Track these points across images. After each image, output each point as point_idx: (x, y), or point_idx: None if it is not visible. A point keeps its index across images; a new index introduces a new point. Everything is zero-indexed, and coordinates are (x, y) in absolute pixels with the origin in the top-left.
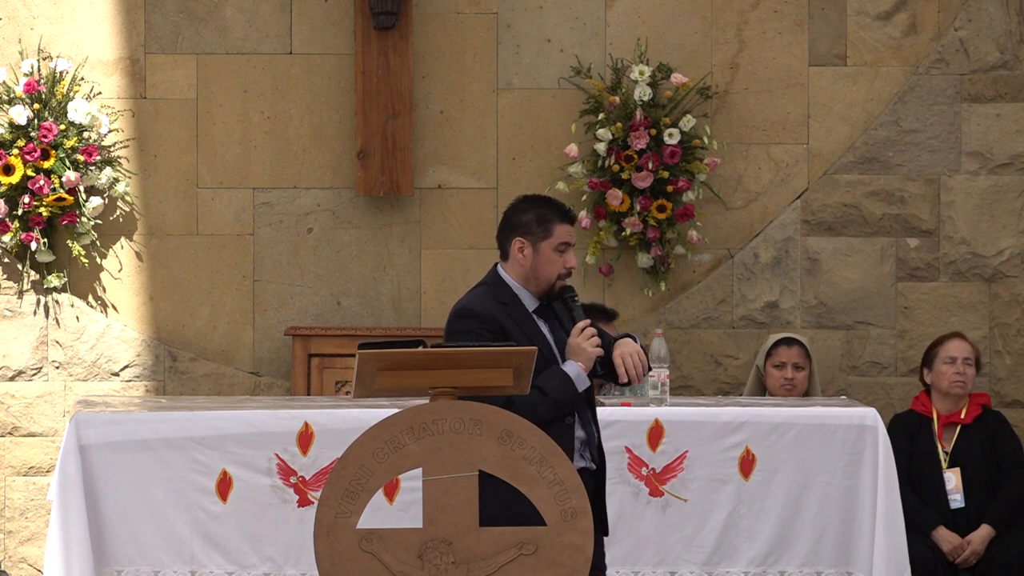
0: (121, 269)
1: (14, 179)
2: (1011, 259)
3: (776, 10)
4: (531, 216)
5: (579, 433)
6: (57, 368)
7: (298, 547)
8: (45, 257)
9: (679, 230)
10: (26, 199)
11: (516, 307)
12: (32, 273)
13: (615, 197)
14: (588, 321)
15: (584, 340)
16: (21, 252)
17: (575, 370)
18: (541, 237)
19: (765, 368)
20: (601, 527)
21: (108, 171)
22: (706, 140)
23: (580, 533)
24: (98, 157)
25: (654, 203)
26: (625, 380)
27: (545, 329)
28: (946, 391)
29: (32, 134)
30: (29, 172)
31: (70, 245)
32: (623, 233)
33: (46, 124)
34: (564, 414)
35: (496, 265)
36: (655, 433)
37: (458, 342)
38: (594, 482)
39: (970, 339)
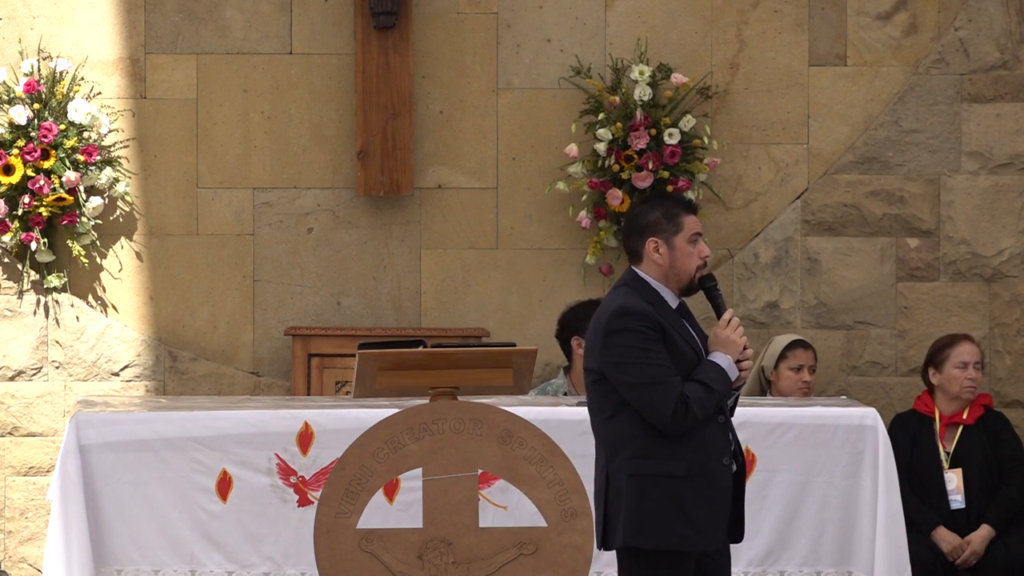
0: (121, 269)
1: (14, 179)
2: (1011, 259)
3: (776, 10)
4: (658, 214)
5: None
6: (57, 368)
7: (298, 547)
8: (45, 257)
9: None
10: (26, 199)
11: (662, 306)
12: (32, 273)
13: (615, 197)
14: (732, 312)
15: (732, 331)
16: (21, 252)
17: (726, 361)
18: (673, 232)
19: (776, 370)
20: (736, 532)
21: (108, 171)
22: (706, 140)
23: (580, 533)
24: (98, 157)
25: None
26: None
27: (689, 326)
28: (956, 395)
29: (32, 134)
30: (29, 172)
31: (70, 245)
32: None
33: (46, 124)
34: (718, 410)
35: (630, 268)
36: None
37: (621, 343)
38: (734, 484)
39: (976, 341)
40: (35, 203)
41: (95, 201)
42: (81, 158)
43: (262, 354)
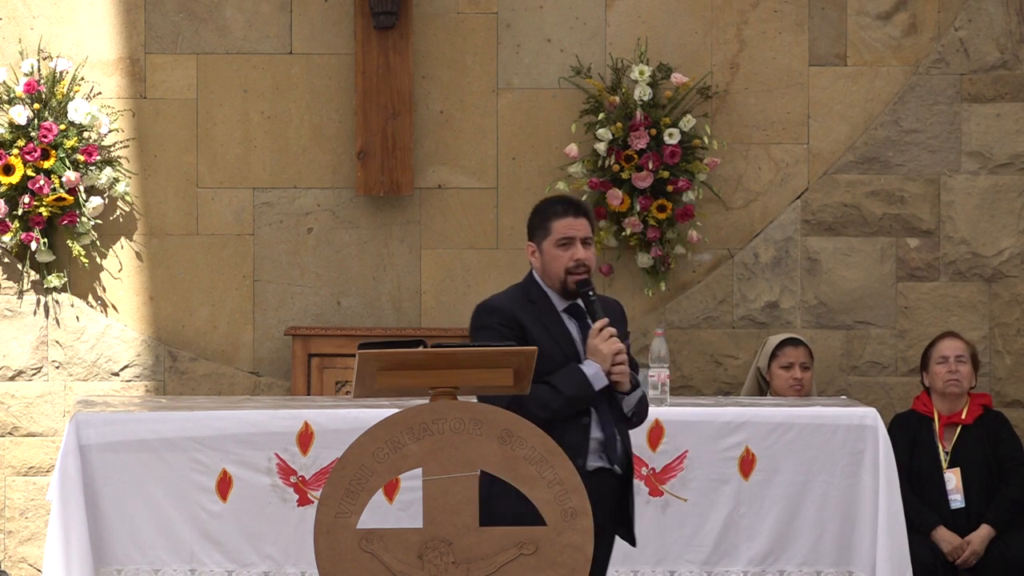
0: (121, 269)
1: (14, 179)
2: (1011, 259)
3: (776, 10)
4: (535, 219)
5: (596, 434)
6: (57, 368)
7: (298, 546)
8: (45, 257)
9: (679, 230)
10: (26, 199)
11: (545, 305)
12: (32, 273)
13: (615, 197)
14: (605, 321)
15: (601, 341)
16: (21, 252)
17: (592, 369)
18: (543, 237)
19: (770, 369)
20: (625, 535)
21: (108, 171)
22: (706, 140)
23: (580, 533)
24: (98, 157)
25: (654, 203)
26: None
27: (573, 328)
28: (941, 391)
29: (32, 134)
30: (29, 172)
31: (70, 245)
32: (623, 233)
33: (46, 124)
34: (580, 412)
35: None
36: (655, 433)
37: (478, 339)
38: (619, 487)
39: (964, 337)
40: (35, 203)
41: (95, 201)
42: (81, 158)
43: (262, 354)
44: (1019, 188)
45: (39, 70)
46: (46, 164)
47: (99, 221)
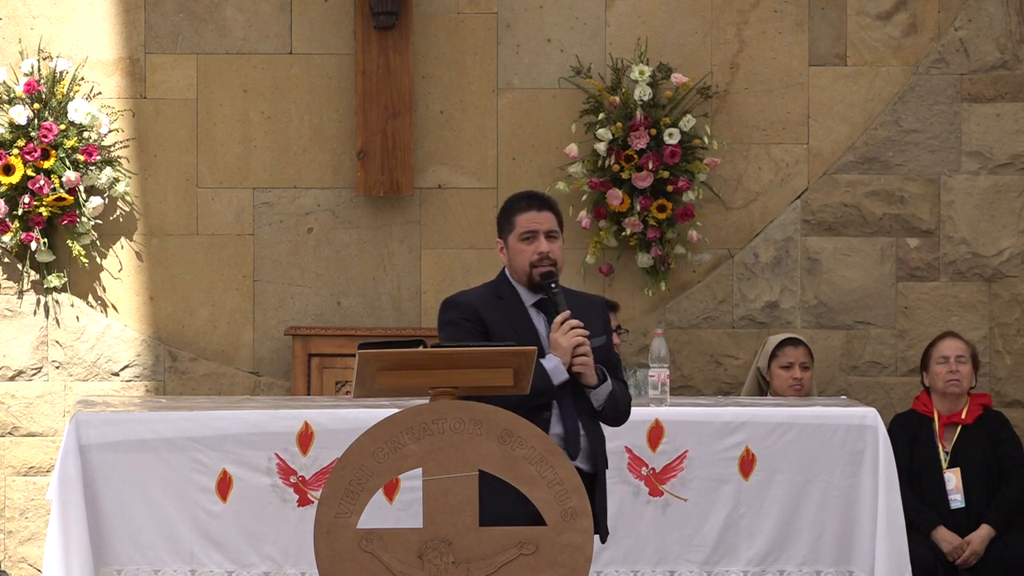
0: (121, 269)
1: (14, 179)
2: (1011, 259)
3: (776, 10)
4: (501, 216)
5: (557, 428)
6: (57, 368)
7: (298, 546)
8: (45, 257)
9: (679, 230)
10: (26, 199)
11: (513, 301)
12: (32, 273)
13: (615, 197)
14: (566, 314)
15: (561, 335)
16: (21, 252)
17: (552, 363)
18: (508, 232)
19: (769, 369)
20: (598, 531)
21: (108, 171)
22: (706, 140)
23: (580, 533)
24: (98, 157)
25: (654, 203)
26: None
27: (540, 322)
28: (942, 391)
29: (32, 134)
30: (29, 172)
31: (70, 245)
32: (623, 233)
33: (46, 124)
34: (540, 407)
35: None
36: (655, 433)
37: (443, 335)
38: (587, 482)
39: (965, 337)
40: (35, 203)
41: (95, 201)
42: (81, 158)
43: (262, 354)
44: (1019, 188)
45: (39, 70)
46: (46, 164)
47: (99, 221)
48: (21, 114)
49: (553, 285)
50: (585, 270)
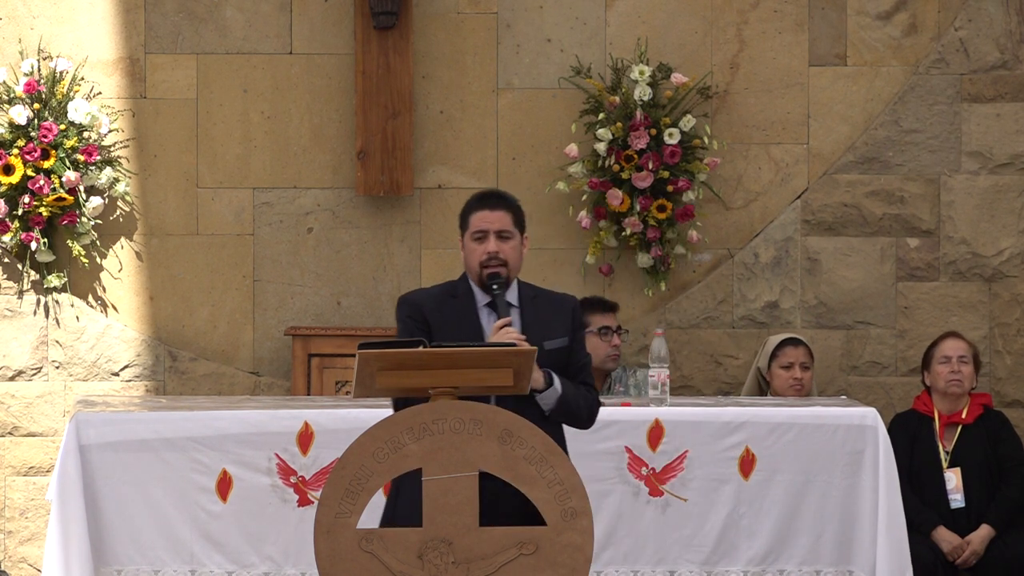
0: (121, 269)
1: (14, 179)
2: (1011, 259)
3: (776, 10)
4: (460, 213)
5: None
6: (57, 368)
7: (298, 547)
8: (45, 257)
9: (679, 230)
10: (26, 199)
11: (467, 300)
12: (32, 273)
13: (615, 197)
14: (506, 320)
15: (496, 339)
16: (21, 252)
17: None
18: (463, 231)
19: (770, 369)
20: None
21: (108, 171)
22: (706, 140)
23: (580, 533)
24: (98, 157)
25: (654, 203)
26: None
27: (490, 323)
28: (943, 391)
29: (32, 134)
30: (29, 172)
31: (70, 245)
32: (623, 233)
33: (46, 124)
34: None
35: None
36: (655, 433)
37: (398, 331)
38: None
39: (967, 338)
40: (35, 203)
41: (95, 201)
42: (81, 158)
43: (262, 354)
44: (1019, 188)
45: (39, 70)
46: (46, 164)
47: (99, 221)
48: (21, 114)
49: (495, 286)
50: (585, 270)
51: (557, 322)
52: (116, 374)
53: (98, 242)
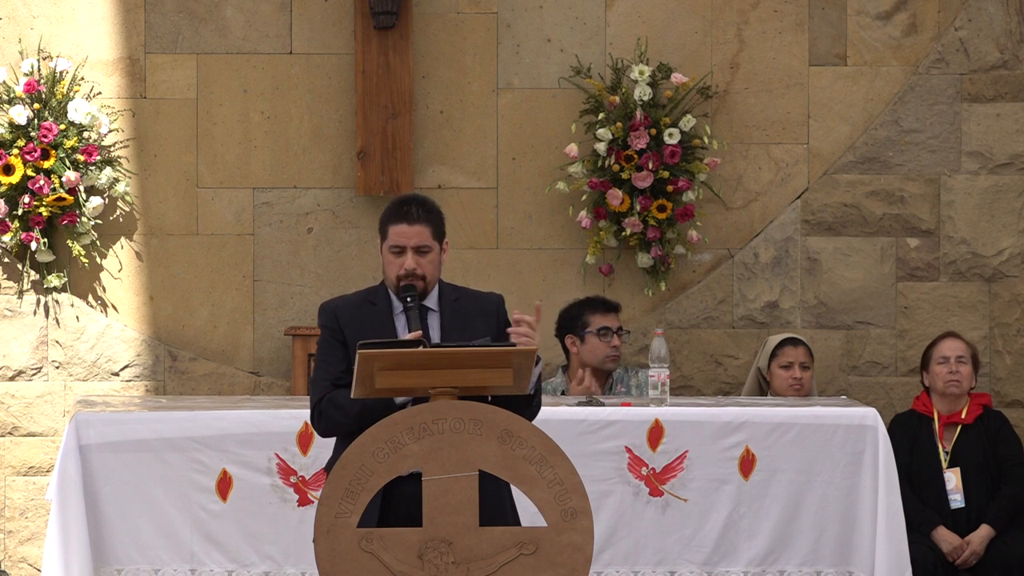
0: (121, 269)
1: (14, 179)
2: (1011, 259)
3: (776, 10)
4: (380, 218)
5: None
6: (57, 368)
7: (298, 546)
8: (45, 257)
9: (679, 230)
10: (26, 199)
11: (384, 308)
12: (32, 273)
13: (615, 197)
14: (415, 334)
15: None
16: (21, 252)
17: None
18: (382, 239)
19: (770, 369)
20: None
21: (108, 171)
22: (706, 140)
23: (580, 533)
24: (98, 157)
25: (654, 203)
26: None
27: (404, 330)
28: (942, 391)
29: (32, 134)
30: (29, 172)
31: (70, 245)
32: (623, 233)
33: (46, 124)
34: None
35: None
36: (655, 433)
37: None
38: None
39: (965, 338)
40: (35, 203)
41: (95, 201)
42: (81, 158)
43: (262, 354)
44: (1019, 188)
45: (39, 70)
46: (46, 164)
47: (99, 221)
48: (21, 114)
49: (409, 299)
50: (585, 270)
51: (480, 322)
52: (116, 374)
53: (98, 242)
